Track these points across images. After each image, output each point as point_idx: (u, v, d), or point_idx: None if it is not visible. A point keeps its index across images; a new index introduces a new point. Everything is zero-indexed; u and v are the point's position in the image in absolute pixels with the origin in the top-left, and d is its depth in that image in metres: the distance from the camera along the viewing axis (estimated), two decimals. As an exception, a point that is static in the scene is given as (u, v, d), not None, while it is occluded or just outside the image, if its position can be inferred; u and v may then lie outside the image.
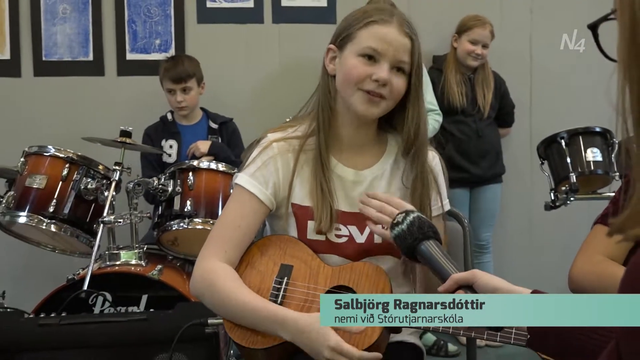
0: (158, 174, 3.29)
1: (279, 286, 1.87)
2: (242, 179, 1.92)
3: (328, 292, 1.86)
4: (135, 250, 3.01)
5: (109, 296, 2.82)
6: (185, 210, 3.06)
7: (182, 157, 3.79)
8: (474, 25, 4.22)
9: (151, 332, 2.38)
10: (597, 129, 3.34)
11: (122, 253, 3.02)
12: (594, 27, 1.01)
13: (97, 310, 2.84)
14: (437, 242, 1.49)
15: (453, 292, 1.40)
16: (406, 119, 1.92)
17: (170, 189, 3.10)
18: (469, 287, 1.39)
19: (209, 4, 4.34)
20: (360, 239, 1.92)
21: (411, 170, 1.95)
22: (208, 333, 2.33)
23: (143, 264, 3.00)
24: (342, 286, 1.87)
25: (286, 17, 4.41)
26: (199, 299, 1.91)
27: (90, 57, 4.26)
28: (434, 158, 2.00)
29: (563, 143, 3.30)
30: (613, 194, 3.28)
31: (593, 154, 3.27)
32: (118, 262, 3.00)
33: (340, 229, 1.91)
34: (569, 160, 3.29)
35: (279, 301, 1.84)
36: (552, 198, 3.36)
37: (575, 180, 3.22)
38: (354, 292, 1.86)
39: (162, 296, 2.88)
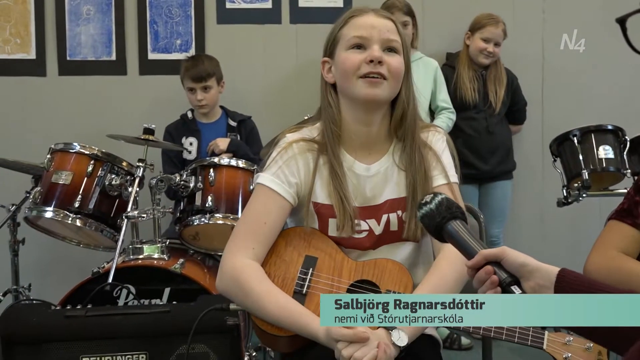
0: (178, 171, 3.37)
1: (304, 277, 1.94)
2: (264, 178, 1.99)
3: (352, 285, 1.94)
4: (158, 245, 3.09)
5: (132, 289, 2.90)
6: (207, 205, 3.14)
7: (202, 154, 3.88)
8: (487, 23, 4.27)
9: (174, 323, 2.42)
10: (609, 127, 3.38)
11: (145, 247, 3.10)
12: (622, 21, 1.04)
13: (121, 302, 2.92)
14: (464, 222, 1.50)
15: (481, 267, 1.41)
16: (399, 98, 1.98)
17: (192, 185, 3.18)
18: (497, 264, 1.41)
19: (228, 5, 4.43)
20: (378, 229, 2.00)
21: (403, 150, 2.02)
22: (229, 325, 2.37)
23: (166, 257, 3.08)
24: (366, 280, 1.95)
25: (303, 18, 4.49)
26: (226, 295, 1.96)
27: (113, 57, 4.37)
28: (434, 136, 2.06)
29: (575, 140, 3.35)
30: (625, 190, 3.33)
31: (605, 152, 3.32)
32: (141, 256, 3.09)
33: (360, 225, 1.99)
34: (581, 157, 3.33)
35: (304, 291, 1.92)
36: (565, 194, 3.40)
37: (587, 177, 3.27)
38: (377, 287, 1.93)
39: (184, 289, 2.96)
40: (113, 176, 3.17)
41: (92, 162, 3.17)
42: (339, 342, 1.74)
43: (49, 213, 3.15)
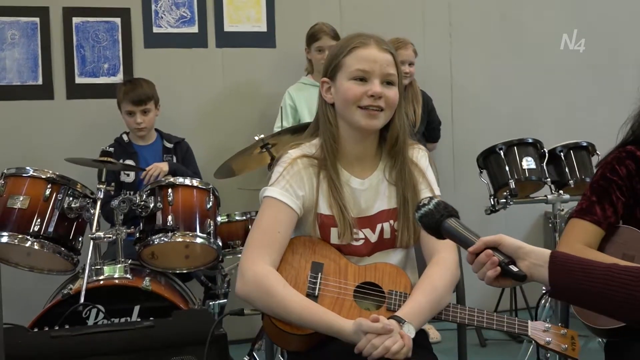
0: (116, 194, 3.45)
1: (314, 280, 2.11)
2: (273, 192, 2.15)
3: (357, 287, 2.13)
4: (121, 265, 3.14)
5: (102, 309, 2.94)
6: (168, 224, 3.22)
7: (139, 177, 3.92)
8: (398, 47, 4.54)
9: (160, 337, 2.47)
10: (530, 140, 3.75)
11: (106, 268, 3.13)
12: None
13: (90, 323, 2.96)
14: (458, 219, 1.73)
15: (481, 252, 1.63)
16: (393, 123, 2.20)
17: (151, 205, 3.25)
18: (495, 248, 1.62)
19: (155, 30, 4.51)
20: (373, 237, 2.21)
21: (393, 166, 2.24)
22: (217, 335, 2.47)
23: (129, 277, 3.13)
24: (369, 282, 2.15)
25: (229, 42, 4.65)
26: (247, 301, 2.09)
27: (40, 82, 4.34)
28: (418, 153, 2.30)
29: (502, 153, 3.69)
30: (545, 197, 3.70)
31: (527, 163, 3.68)
32: (103, 277, 3.11)
33: (357, 234, 2.19)
34: (507, 168, 3.68)
35: (316, 293, 2.09)
36: (492, 203, 3.73)
37: (514, 186, 3.61)
38: (380, 287, 2.14)
39: (153, 306, 3.03)
40: (72, 199, 3.18)
41: (49, 185, 3.16)
42: (367, 334, 1.92)
43: (4, 238, 3.10)
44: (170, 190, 3.29)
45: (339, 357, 2.04)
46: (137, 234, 3.30)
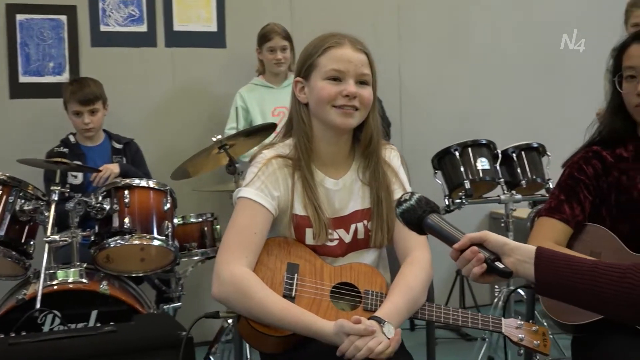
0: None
1: (290, 281, 2.09)
2: (248, 192, 2.11)
3: (334, 287, 2.12)
4: (75, 269, 3.05)
5: (58, 314, 2.85)
6: (125, 227, 3.15)
7: (87, 178, 3.81)
8: None
9: (125, 342, 2.42)
10: (484, 141, 3.80)
11: (60, 272, 3.04)
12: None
13: (46, 329, 2.87)
14: (441, 215, 1.73)
15: (466, 248, 1.62)
16: (367, 123, 2.19)
17: (107, 207, 3.17)
18: (480, 245, 1.63)
19: (102, 28, 4.40)
20: (347, 238, 2.20)
21: (367, 166, 2.23)
22: (185, 338, 2.43)
23: (85, 281, 3.04)
24: (345, 282, 2.14)
25: (178, 41, 4.57)
26: (224, 303, 2.05)
27: (-19, 80, 4.19)
28: (390, 153, 2.29)
29: (457, 154, 3.73)
30: (498, 197, 3.76)
31: (482, 163, 3.73)
32: (56, 281, 3.02)
33: (332, 234, 2.18)
34: (462, 169, 3.72)
35: (293, 294, 2.07)
36: (447, 203, 3.77)
37: (469, 187, 3.65)
38: (355, 287, 2.13)
39: (112, 311, 2.96)
40: (23, 201, 3.08)
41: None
42: (350, 336, 1.91)
43: (-49, 242, 2.99)
44: (126, 192, 3.22)
45: (316, 358, 2.03)
46: (93, 237, 3.21)
